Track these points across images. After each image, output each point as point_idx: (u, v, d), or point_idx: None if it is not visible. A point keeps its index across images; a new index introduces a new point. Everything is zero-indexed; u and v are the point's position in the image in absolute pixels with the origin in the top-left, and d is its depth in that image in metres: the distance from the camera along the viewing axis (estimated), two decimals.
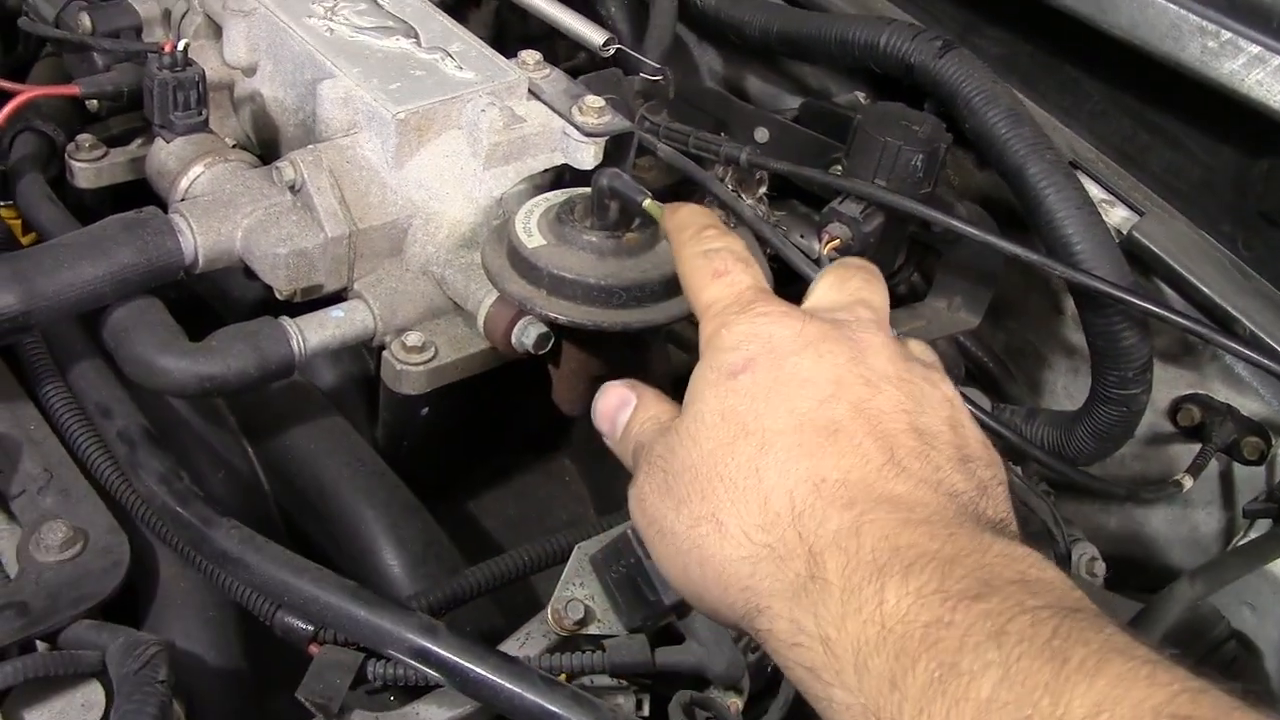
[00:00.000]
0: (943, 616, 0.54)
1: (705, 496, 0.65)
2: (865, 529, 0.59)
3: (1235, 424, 1.25)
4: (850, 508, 0.61)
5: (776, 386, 0.66)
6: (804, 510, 0.62)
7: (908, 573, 0.57)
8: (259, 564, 0.82)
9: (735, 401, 0.66)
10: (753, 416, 0.65)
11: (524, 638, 0.86)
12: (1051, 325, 1.41)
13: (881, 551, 0.58)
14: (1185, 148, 1.22)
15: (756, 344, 0.68)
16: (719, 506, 0.64)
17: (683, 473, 0.67)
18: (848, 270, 0.78)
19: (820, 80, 1.51)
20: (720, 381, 0.68)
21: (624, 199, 0.91)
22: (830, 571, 0.59)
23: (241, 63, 1.12)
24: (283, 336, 0.95)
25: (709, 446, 0.66)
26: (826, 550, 0.59)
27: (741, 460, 0.64)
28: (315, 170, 0.98)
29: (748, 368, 0.67)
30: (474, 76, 1.06)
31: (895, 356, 0.70)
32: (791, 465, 0.63)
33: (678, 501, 0.66)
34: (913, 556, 0.57)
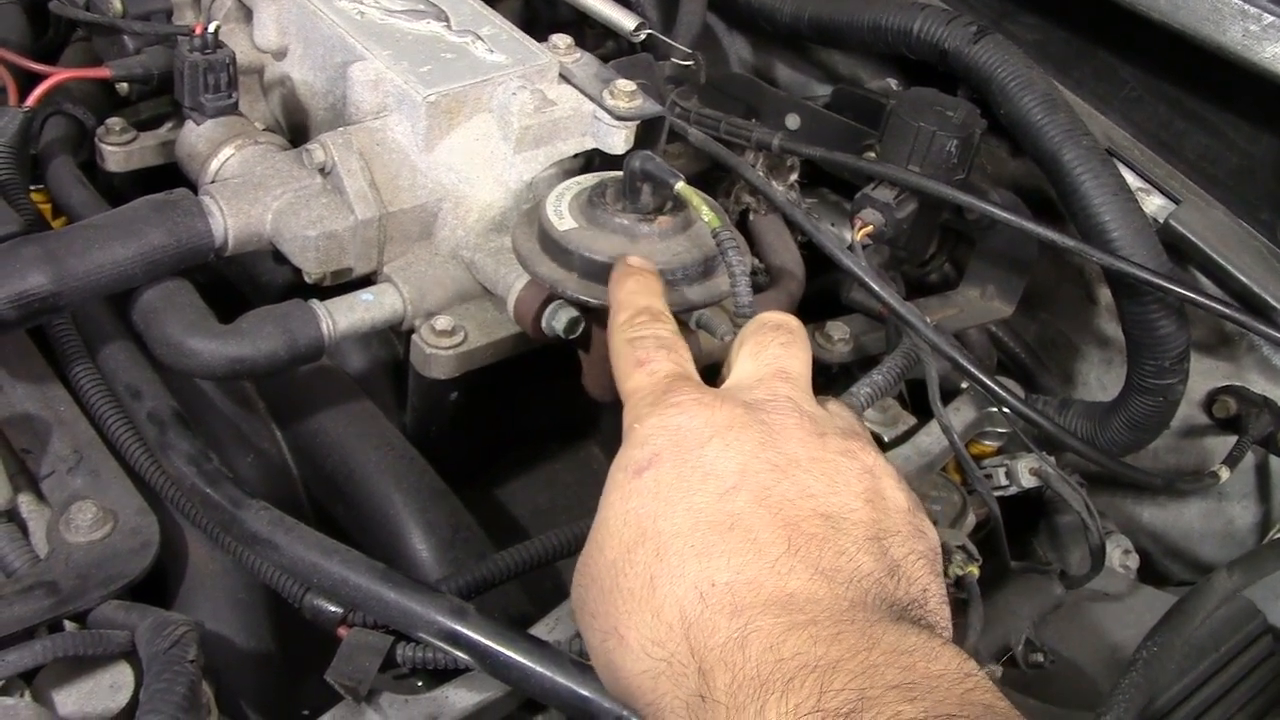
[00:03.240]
0: None
1: (608, 610, 0.65)
2: (751, 639, 0.58)
3: (1272, 416, 1.24)
4: (737, 615, 0.60)
5: (678, 482, 0.65)
6: (693, 621, 0.61)
7: (787, 689, 0.56)
8: (288, 545, 0.81)
9: (638, 503, 0.66)
10: (650, 519, 0.65)
11: (554, 622, 0.86)
12: (1085, 316, 1.39)
13: (765, 664, 0.57)
14: (1223, 134, 1.20)
15: (664, 437, 0.67)
16: (620, 620, 0.64)
17: (590, 585, 0.67)
18: (764, 336, 0.77)
19: (850, 68, 1.50)
20: (626, 482, 0.67)
21: (656, 182, 0.90)
22: (718, 690, 0.58)
23: (271, 46, 1.11)
24: (312, 319, 0.94)
25: (611, 556, 0.65)
26: (715, 666, 0.59)
27: (639, 568, 0.64)
28: (345, 153, 0.98)
29: (652, 463, 0.67)
30: (505, 59, 1.05)
31: (809, 436, 0.69)
32: (682, 571, 0.62)
33: (590, 615, 0.67)
34: (794, 668, 0.56)
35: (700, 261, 0.92)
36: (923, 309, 1.20)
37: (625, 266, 0.85)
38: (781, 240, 1.21)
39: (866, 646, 0.57)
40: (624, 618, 0.63)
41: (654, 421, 0.69)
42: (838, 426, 0.72)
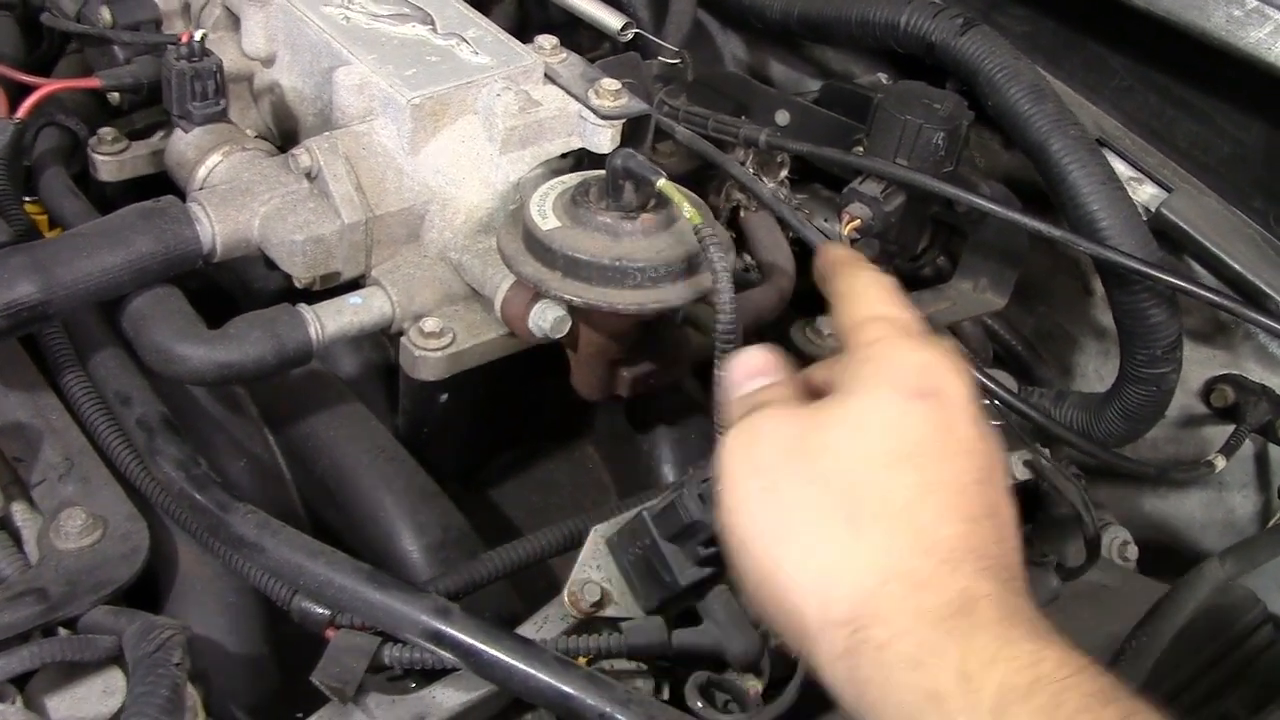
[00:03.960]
0: (1099, 684, 0.54)
1: (848, 492, 0.62)
2: (1026, 605, 0.58)
3: (1270, 404, 1.23)
4: (1010, 582, 0.59)
5: (948, 436, 0.64)
6: (961, 560, 0.60)
7: (1070, 649, 0.55)
8: (275, 548, 0.82)
9: (911, 426, 0.64)
10: (926, 453, 0.63)
11: (541, 621, 0.86)
12: (1081, 307, 1.39)
13: (1043, 626, 0.57)
14: (1214, 122, 1.20)
15: (939, 380, 0.65)
16: (860, 510, 0.62)
17: (825, 454, 0.64)
18: None
19: (843, 63, 1.50)
20: (899, 397, 0.64)
21: (638, 179, 0.91)
22: (983, 616, 0.57)
23: (260, 53, 1.12)
24: (300, 323, 0.95)
25: (869, 450, 0.63)
26: (982, 601, 0.58)
27: (903, 486, 0.62)
28: (331, 157, 0.98)
29: (934, 396, 0.65)
30: (489, 61, 1.06)
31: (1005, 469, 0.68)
32: (954, 519, 0.61)
33: (808, 477, 0.63)
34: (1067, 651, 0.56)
35: (684, 258, 0.92)
36: (915, 302, 1.18)
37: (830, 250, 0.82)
38: (772, 237, 1.21)
39: None
40: (868, 515, 0.61)
41: (928, 357, 0.66)
42: None
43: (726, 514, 0.66)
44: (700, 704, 0.78)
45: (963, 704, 0.54)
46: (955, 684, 0.55)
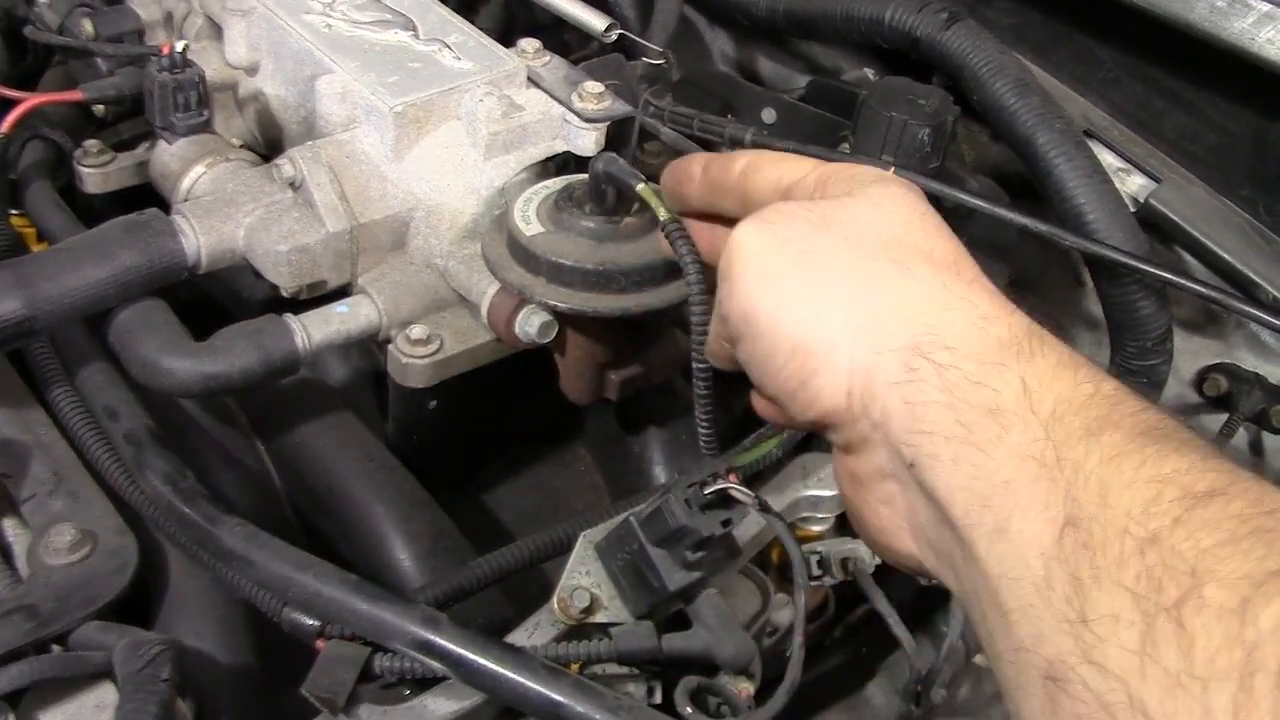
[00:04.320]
0: (1157, 407, 0.54)
1: (888, 245, 0.63)
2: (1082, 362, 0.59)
3: (1263, 393, 1.23)
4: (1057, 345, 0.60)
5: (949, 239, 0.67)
6: (1011, 311, 0.61)
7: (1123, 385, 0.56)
8: (263, 560, 0.82)
9: (925, 210, 0.67)
10: (947, 230, 0.66)
11: (532, 628, 0.86)
12: (1073, 299, 1.38)
13: (1095, 371, 0.58)
14: (1201, 112, 1.19)
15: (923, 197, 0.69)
16: (910, 258, 0.62)
17: (853, 220, 0.64)
18: None
19: (832, 60, 1.49)
20: (906, 194, 0.67)
21: (619, 184, 0.90)
22: (1047, 346, 0.58)
23: (243, 62, 1.12)
24: (287, 333, 0.95)
25: (900, 218, 0.65)
26: (1037, 339, 0.59)
27: (942, 247, 0.64)
28: (314, 166, 0.98)
29: (925, 203, 0.68)
30: (472, 66, 1.06)
31: None
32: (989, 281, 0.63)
33: (841, 238, 0.63)
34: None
35: (668, 261, 0.92)
36: None
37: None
38: None
39: None
40: (920, 258, 0.63)
41: (871, 171, 0.69)
42: None
43: (744, 295, 0.65)
44: (690, 709, 0.78)
45: (1020, 415, 0.55)
46: (1015, 398, 0.55)
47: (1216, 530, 0.47)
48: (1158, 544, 0.48)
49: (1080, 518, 0.51)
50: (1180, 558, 0.47)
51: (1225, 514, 0.48)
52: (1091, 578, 0.49)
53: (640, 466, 1.12)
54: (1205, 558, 0.47)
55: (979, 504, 0.55)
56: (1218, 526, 0.47)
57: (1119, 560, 0.49)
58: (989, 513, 0.54)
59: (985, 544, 0.54)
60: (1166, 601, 0.46)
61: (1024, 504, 0.53)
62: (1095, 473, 0.51)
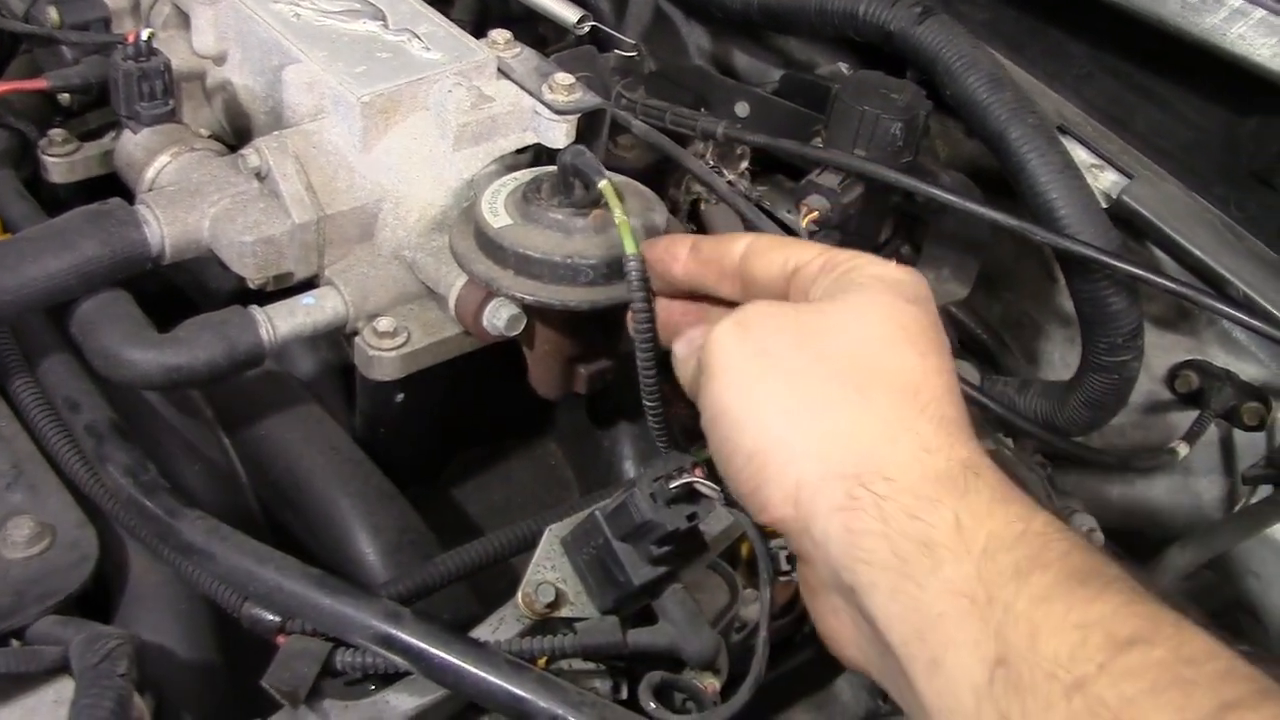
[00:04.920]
0: (1084, 545, 0.57)
1: (853, 365, 0.65)
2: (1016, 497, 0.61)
3: (1234, 389, 1.23)
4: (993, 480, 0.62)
5: (939, 334, 0.67)
6: (967, 436, 0.63)
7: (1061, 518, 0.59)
8: (224, 554, 0.81)
9: (909, 318, 0.67)
10: (924, 344, 0.66)
11: (497, 622, 0.85)
12: (1047, 295, 1.38)
13: (1031, 498, 0.60)
14: (1173, 108, 1.19)
15: (922, 289, 0.69)
16: (866, 381, 0.64)
17: (827, 333, 0.66)
18: None
19: (808, 54, 1.49)
20: (897, 298, 0.67)
21: (583, 177, 0.89)
22: (983, 481, 0.60)
23: (210, 51, 1.11)
24: (251, 325, 0.94)
25: (874, 333, 0.66)
26: (982, 465, 0.61)
27: (908, 367, 0.65)
28: (280, 156, 0.97)
29: (920, 303, 0.68)
30: (441, 57, 1.05)
31: None
32: (950, 403, 0.64)
33: (812, 354, 0.66)
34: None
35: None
36: None
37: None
38: (733, 229, 1.20)
39: None
40: (878, 384, 0.64)
41: (905, 271, 0.70)
42: None
43: (716, 395, 0.67)
44: (654, 704, 0.77)
45: (953, 550, 0.57)
46: (948, 534, 0.58)
47: (1139, 679, 0.50)
48: (1083, 690, 0.51)
49: (1010, 658, 0.53)
50: (1105, 705, 0.50)
51: (1148, 661, 0.51)
52: (1021, 718, 0.52)
53: (610, 461, 1.11)
54: (1129, 707, 0.49)
55: (914, 635, 0.58)
56: (1141, 675, 0.50)
57: (1046, 704, 0.51)
58: (924, 645, 0.57)
59: (923, 676, 0.57)
60: None
61: (957, 639, 0.56)
62: (1025, 614, 0.54)
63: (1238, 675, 0.50)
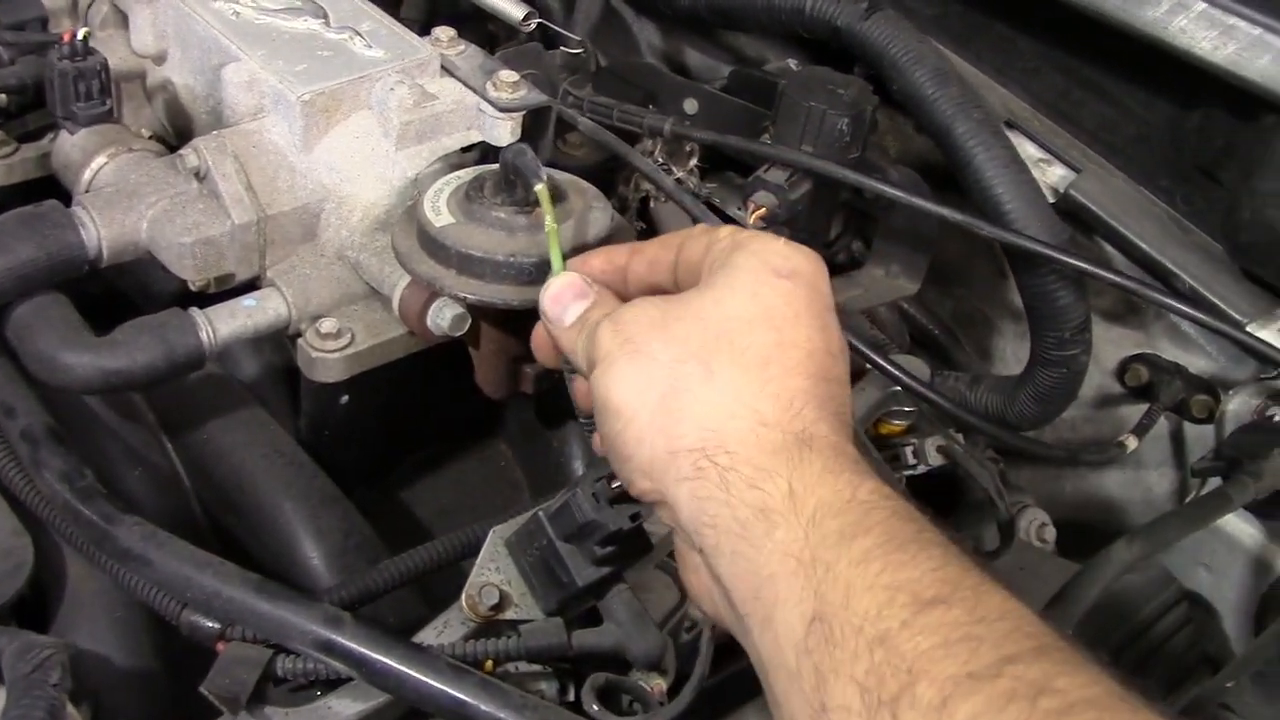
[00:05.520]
0: (907, 511, 0.62)
1: (706, 346, 0.68)
2: (855, 452, 0.66)
3: (1184, 383, 1.23)
4: (843, 430, 0.67)
5: (810, 306, 0.70)
6: (803, 407, 0.66)
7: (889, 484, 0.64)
8: (161, 560, 0.80)
9: (772, 295, 0.69)
10: (782, 318, 0.69)
11: (441, 626, 0.84)
12: (998, 290, 1.39)
13: (864, 464, 0.65)
14: (1120, 102, 1.20)
15: (799, 262, 0.71)
16: (716, 360, 0.68)
17: (688, 318, 0.70)
18: None
19: (759, 50, 1.48)
20: (765, 273, 0.70)
21: (522, 178, 0.89)
22: (816, 452, 0.64)
23: (149, 50, 1.09)
24: (191, 328, 0.93)
25: (731, 313, 0.69)
26: (816, 440, 0.65)
27: (759, 343, 0.68)
28: (219, 156, 0.96)
29: (794, 276, 0.70)
30: (383, 55, 1.04)
31: None
32: (800, 375, 0.67)
33: (671, 338, 0.69)
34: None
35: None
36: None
37: None
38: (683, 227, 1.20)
39: None
40: (724, 363, 0.67)
41: (787, 246, 0.72)
42: None
43: (594, 384, 0.71)
44: (597, 707, 0.76)
45: (785, 517, 0.62)
46: (782, 501, 0.63)
47: (934, 634, 0.55)
48: (885, 643, 0.56)
49: (826, 614, 0.58)
50: (902, 657, 0.55)
51: (944, 620, 0.56)
52: (831, 670, 0.57)
53: (559, 462, 1.10)
54: (921, 659, 0.54)
55: (751, 595, 0.63)
56: (935, 631, 0.55)
57: (853, 655, 0.56)
58: (759, 604, 0.62)
59: (757, 632, 0.62)
60: (886, 696, 0.54)
61: (784, 597, 0.60)
62: (844, 575, 0.59)
63: (1022, 633, 0.55)
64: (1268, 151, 1.03)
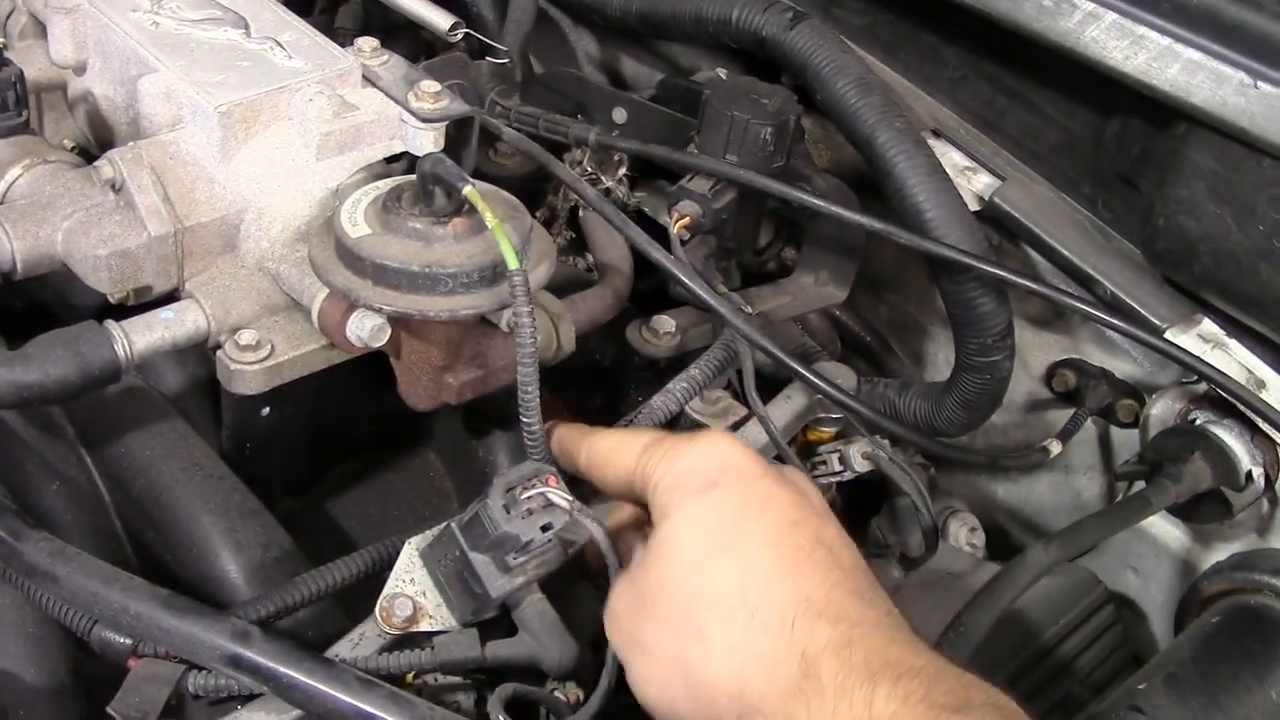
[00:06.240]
0: (923, 694, 0.63)
1: (688, 615, 0.69)
2: (857, 642, 0.66)
3: (1109, 387, 1.25)
4: (839, 623, 0.66)
5: (749, 504, 0.71)
6: (794, 621, 0.67)
7: (898, 681, 0.63)
8: (68, 576, 0.79)
9: (708, 517, 0.71)
10: (730, 532, 0.70)
11: (358, 638, 0.84)
12: (929, 297, 1.40)
13: (874, 661, 0.65)
14: (1042, 111, 1.21)
15: (718, 462, 0.73)
16: (703, 624, 0.68)
17: (662, 593, 0.71)
18: None
19: (694, 60, 1.49)
20: (691, 498, 0.72)
21: (445, 185, 0.89)
22: (825, 674, 0.64)
23: (69, 61, 1.08)
24: (105, 340, 0.91)
25: (689, 561, 0.70)
26: (821, 656, 0.65)
27: (726, 577, 0.69)
28: (135, 168, 0.95)
29: (717, 485, 0.72)
30: (303, 65, 1.03)
31: (821, 497, 0.77)
32: (777, 583, 0.68)
33: (660, 621, 0.71)
34: (903, 669, 0.64)
35: (498, 263, 0.90)
36: (755, 298, 1.20)
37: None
38: (610, 236, 1.20)
39: (958, 671, 0.66)
40: (710, 621, 0.68)
41: (704, 449, 0.74)
42: None
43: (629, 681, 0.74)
44: (502, 717, 0.76)
45: None
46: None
47: None
48: None
49: None
50: None
51: None
52: None
53: (485, 472, 1.10)
54: None
55: None
56: None
57: None
58: None
59: None
60: None
61: None
62: None
63: None
64: (1180, 159, 1.04)
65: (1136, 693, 0.89)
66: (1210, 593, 1.05)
